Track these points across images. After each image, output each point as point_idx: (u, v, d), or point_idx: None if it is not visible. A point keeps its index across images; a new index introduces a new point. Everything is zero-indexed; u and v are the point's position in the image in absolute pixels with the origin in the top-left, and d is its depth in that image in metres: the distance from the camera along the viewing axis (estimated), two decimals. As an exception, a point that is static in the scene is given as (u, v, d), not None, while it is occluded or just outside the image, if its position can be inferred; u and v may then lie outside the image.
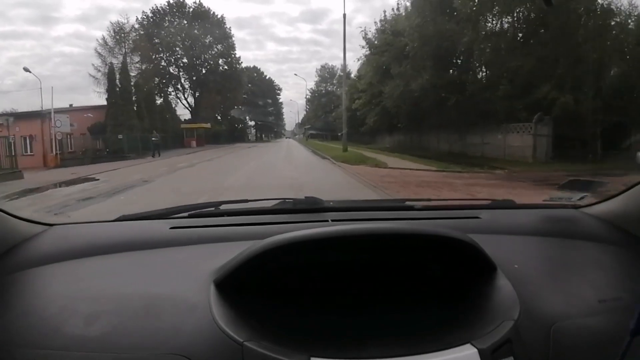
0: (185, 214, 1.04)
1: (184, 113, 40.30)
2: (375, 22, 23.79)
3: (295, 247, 0.62)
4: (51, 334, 0.58)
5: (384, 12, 23.28)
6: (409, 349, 0.55)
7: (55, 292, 0.69)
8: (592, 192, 1.19)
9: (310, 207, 1.10)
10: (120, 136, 21.18)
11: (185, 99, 40.65)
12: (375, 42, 23.82)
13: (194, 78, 40.18)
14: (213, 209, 1.10)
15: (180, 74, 39.55)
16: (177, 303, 0.62)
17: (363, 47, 24.93)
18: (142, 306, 0.62)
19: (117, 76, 23.38)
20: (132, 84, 24.14)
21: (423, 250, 0.68)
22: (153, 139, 18.47)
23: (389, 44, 20.36)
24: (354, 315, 0.60)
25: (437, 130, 19.14)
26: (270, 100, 57.75)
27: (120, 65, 24.04)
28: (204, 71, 40.68)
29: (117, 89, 23.23)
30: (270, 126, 68.24)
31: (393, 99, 18.46)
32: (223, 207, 1.11)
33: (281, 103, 62.94)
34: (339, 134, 46.09)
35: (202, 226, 0.96)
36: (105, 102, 22.55)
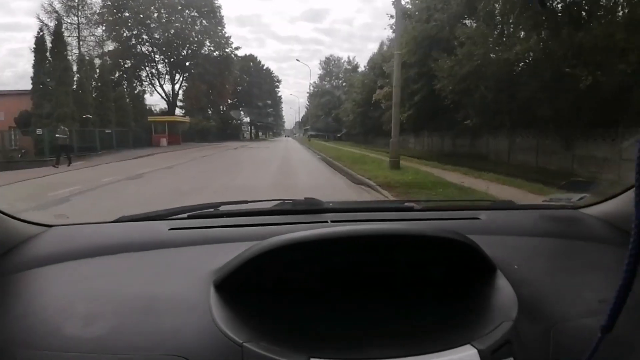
0: (185, 215, 1.11)
1: (158, 103, 31.85)
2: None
3: (295, 248, 0.69)
4: (50, 335, 0.63)
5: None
6: (408, 349, 0.60)
7: (55, 293, 0.76)
8: (591, 192, 1.21)
9: (310, 208, 1.16)
10: (39, 131, 16.05)
11: (161, 85, 31.69)
12: (411, 6, 19.11)
13: (172, 60, 31.25)
14: (212, 210, 1.16)
15: (154, 54, 30.49)
16: (177, 304, 0.69)
17: (392, 16, 20.01)
18: (141, 307, 0.69)
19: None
20: (70, 58, 15.91)
21: (423, 251, 0.76)
22: (57, 135, 13.46)
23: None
24: (353, 316, 0.67)
25: (512, 131, 13.70)
26: (268, 95, 48.99)
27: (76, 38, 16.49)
28: (184, 52, 31.45)
29: (48, 65, 17.59)
30: (268, 124, 59.95)
31: (457, 79, 9.83)
32: (222, 208, 1.18)
33: (280, 97, 55.37)
34: (339, 135, 40.51)
35: (202, 227, 1.03)
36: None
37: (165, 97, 35.97)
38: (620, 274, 0.53)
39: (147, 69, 34.41)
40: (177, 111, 37.56)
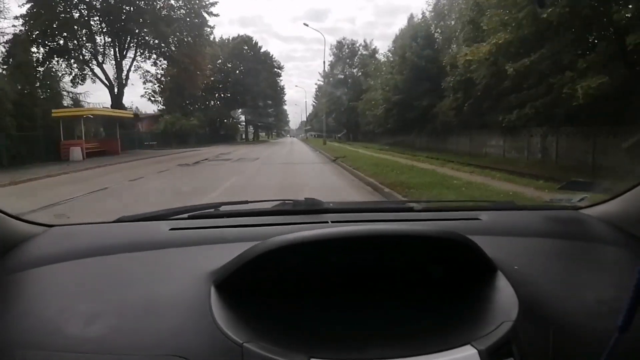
0: (185, 215, 1.14)
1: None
2: None
3: (296, 248, 0.72)
4: (51, 334, 0.66)
5: None
6: (409, 349, 0.62)
7: (55, 293, 0.79)
8: (592, 193, 1.24)
9: (310, 209, 1.18)
10: None
11: (100, 64, 20.01)
12: None
13: (115, 28, 19.37)
14: (213, 210, 1.19)
15: (88, 18, 18.69)
16: (177, 304, 0.72)
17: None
18: (141, 307, 0.72)
19: None
20: None
21: (423, 252, 0.80)
22: None
23: None
24: (353, 316, 0.71)
25: None
26: (267, 87, 37.44)
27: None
28: (132, 10, 19.39)
29: None
30: (269, 123, 49.73)
31: None
32: (223, 208, 1.21)
33: (282, 89, 43.15)
34: (339, 136, 35.24)
35: (202, 227, 1.07)
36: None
37: (106, 82, 24.70)
38: (621, 274, 0.52)
39: (76, 40, 23.04)
40: (153, 107, 27.04)
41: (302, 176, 11.06)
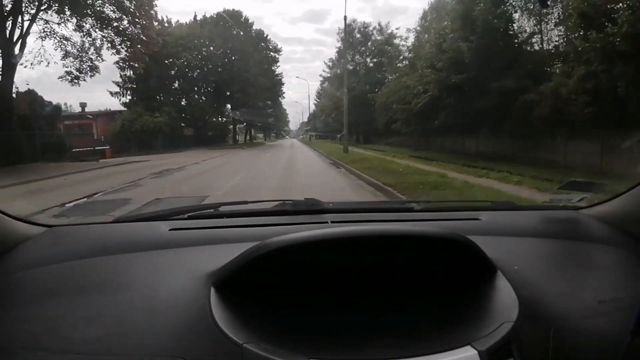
0: (185, 216, 1.15)
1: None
2: None
3: (295, 248, 0.74)
4: (50, 335, 0.67)
5: None
6: (409, 350, 0.63)
7: (54, 293, 0.80)
8: (592, 193, 1.25)
9: (310, 209, 1.19)
10: None
11: None
12: None
13: None
14: (212, 210, 1.21)
15: None
16: (177, 305, 0.73)
17: None
18: (141, 308, 0.73)
19: None
20: None
21: (423, 252, 0.81)
22: None
23: None
24: (353, 317, 0.72)
25: None
26: (263, 75, 28.41)
27: None
28: None
29: None
30: (267, 123, 45.86)
31: None
32: (222, 208, 1.22)
33: (280, 79, 34.24)
34: (339, 136, 30.56)
35: (202, 228, 1.08)
36: None
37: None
38: (620, 274, 0.49)
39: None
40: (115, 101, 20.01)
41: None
